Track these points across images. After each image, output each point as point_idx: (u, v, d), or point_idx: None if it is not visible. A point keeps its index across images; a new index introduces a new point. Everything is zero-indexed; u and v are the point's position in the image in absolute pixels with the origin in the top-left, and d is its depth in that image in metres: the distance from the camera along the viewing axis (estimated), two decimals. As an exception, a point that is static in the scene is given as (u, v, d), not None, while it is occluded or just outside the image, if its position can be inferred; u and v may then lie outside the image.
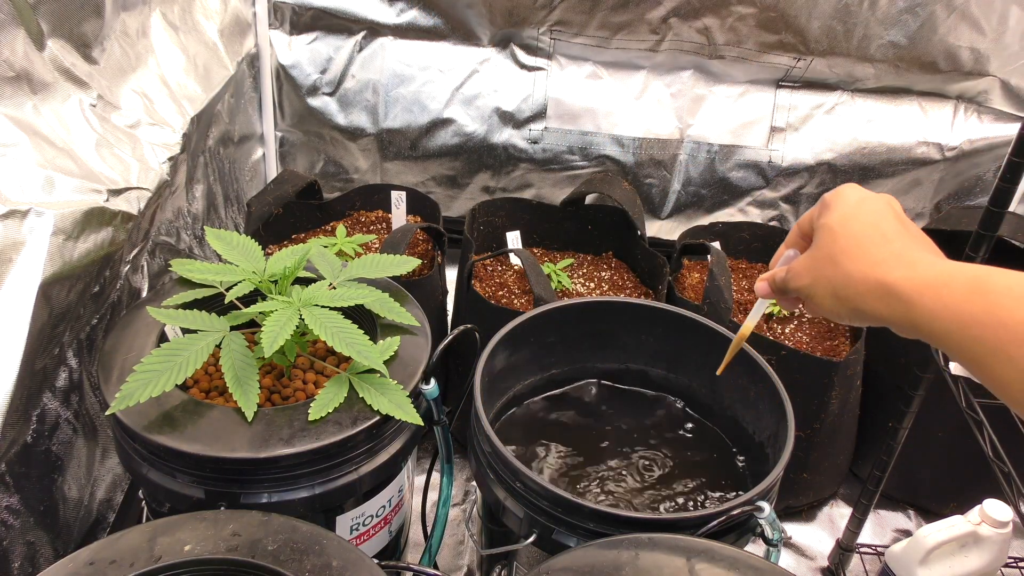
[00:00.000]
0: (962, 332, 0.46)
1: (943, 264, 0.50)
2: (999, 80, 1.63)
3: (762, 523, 0.76)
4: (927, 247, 0.54)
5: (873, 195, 0.58)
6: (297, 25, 1.63)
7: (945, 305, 0.47)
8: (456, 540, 1.29)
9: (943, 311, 0.47)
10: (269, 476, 0.75)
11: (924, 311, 0.48)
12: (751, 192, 1.76)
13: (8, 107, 0.85)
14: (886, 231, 0.54)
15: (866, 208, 0.56)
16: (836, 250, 0.55)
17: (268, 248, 1.40)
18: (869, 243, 0.53)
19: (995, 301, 0.45)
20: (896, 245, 0.52)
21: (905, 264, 0.50)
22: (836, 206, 0.58)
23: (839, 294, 0.54)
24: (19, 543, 0.84)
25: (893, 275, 0.50)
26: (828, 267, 0.55)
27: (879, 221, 0.54)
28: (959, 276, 0.48)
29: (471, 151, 1.73)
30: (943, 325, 0.47)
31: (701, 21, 1.56)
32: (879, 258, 0.52)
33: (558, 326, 1.03)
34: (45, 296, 0.80)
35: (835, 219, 0.56)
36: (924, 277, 0.49)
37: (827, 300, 0.56)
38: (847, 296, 0.53)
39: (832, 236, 0.56)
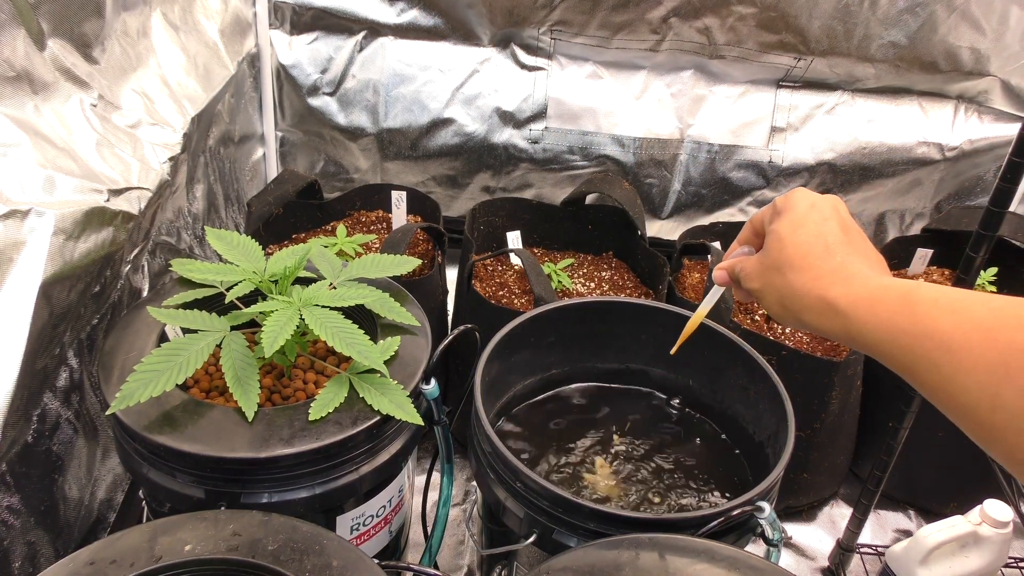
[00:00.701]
0: (893, 342, 0.49)
1: (877, 280, 0.53)
2: (999, 80, 1.63)
3: (762, 523, 0.76)
4: (867, 258, 0.57)
5: (821, 201, 0.61)
6: (297, 25, 1.63)
7: (878, 318, 0.50)
8: (456, 540, 1.29)
9: (876, 324, 0.50)
10: (269, 476, 0.75)
11: (859, 324, 0.51)
12: (751, 192, 1.77)
13: (9, 107, 0.85)
14: (830, 243, 0.57)
15: (813, 217, 0.59)
16: (783, 259, 0.58)
17: (268, 248, 1.40)
18: (813, 256, 0.56)
19: (922, 312, 0.48)
20: (837, 258, 0.56)
21: (843, 279, 0.54)
22: (786, 212, 0.61)
23: (785, 303, 0.58)
24: (19, 543, 0.84)
25: (832, 291, 0.54)
26: (776, 276, 0.58)
27: (824, 232, 0.58)
28: (891, 291, 0.51)
29: (471, 151, 1.73)
30: (876, 336, 0.50)
31: (701, 21, 1.56)
32: (821, 272, 0.55)
33: (558, 326, 1.03)
34: (46, 296, 0.80)
35: (784, 227, 0.60)
36: (859, 292, 0.52)
37: (775, 307, 0.59)
38: (792, 307, 0.57)
39: (780, 244, 0.59)
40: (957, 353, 0.45)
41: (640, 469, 0.96)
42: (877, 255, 0.58)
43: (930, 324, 0.47)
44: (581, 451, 0.98)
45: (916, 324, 0.48)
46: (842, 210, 0.61)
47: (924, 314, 0.48)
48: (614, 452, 0.98)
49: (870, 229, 1.83)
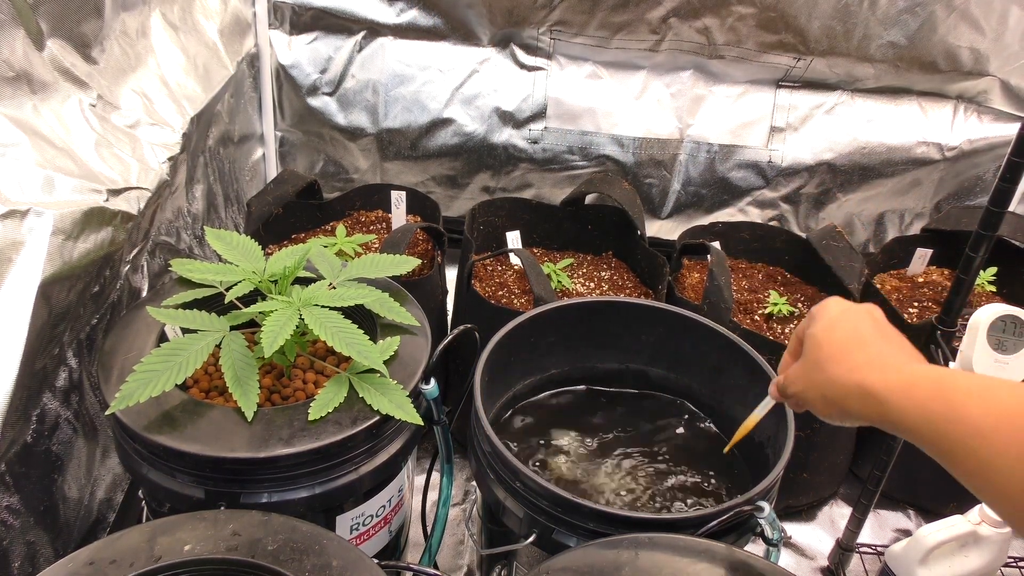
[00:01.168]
0: (929, 427, 0.51)
1: (912, 367, 0.56)
2: (999, 80, 1.63)
3: (762, 523, 0.76)
4: (901, 349, 0.60)
5: (855, 305, 0.65)
6: (297, 25, 1.63)
7: (914, 404, 0.53)
8: (456, 540, 1.29)
9: (913, 410, 0.53)
10: (269, 476, 0.75)
11: (896, 410, 0.54)
12: (751, 192, 1.77)
13: (8, 107, 0.85)
14: (864, 336, 0.61)
15: (847, 317, 0.63)
16: (822, 356, 0.61)
17: (268, 248, 1.40)
18: (849, 348, 0.60)
19: (955, 400, 0.51)
20: (872, 350, 0.59)
21: (879, 368, 0.57)
22: (820, 317, 0.65)
23: (827, 396, 0.61)
24: (19, 543, 0.84)
25: (869, 379, 0.57)
26: (816, 373, 0.62)
27: (858, 327, 0.62)
28: (925, 378, 0.54)
29: (471, 151, 1.73)
30: (913, 422, 0.53)
31: (701, 21, 1.56)
32: (858, 362, 0.58)
33: (558, 326, 1.03)
34: (45, 296, 0.80)
35: (820, 329, 0.64)
36: (895, 380, 0.55)
37: (819, 403, 0.62)
38: (833, 398, 0.60)
39: (818, 344, 0.63)
40: (988, 439, 0.47)
41: (640, 469, 0.96)
42: (911, 346, 0.61)
43: (962, 411, 0.49)
44: (581, 451, 0.98)
45: (950, 411, 0.50)
46: (876, 313, 0.64)
47: (956, 401, 0.50)
48: (614, 452, 0.98)
49: (870, 229, 1.83)
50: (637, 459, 0.97)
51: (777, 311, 1.39)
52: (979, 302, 1.44)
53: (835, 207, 1.78)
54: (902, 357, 0.58)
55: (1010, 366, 0.93)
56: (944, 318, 1.04)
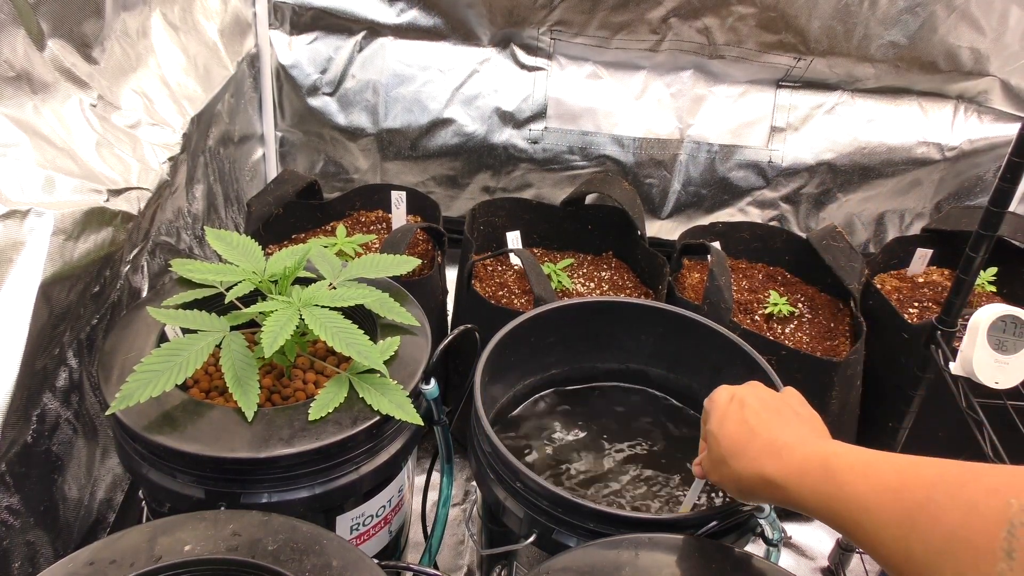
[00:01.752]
0: (824, 508, 0.55)
1: (801, 450, 0.59)
2: (999, 80, 1.63)
3: (762, 523, 0.76)
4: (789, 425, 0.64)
5: (740, 391, 0.70)
6: (297, 25, 1.63)
7: (807, 489, 0.57)
8: (456, 540, 1.29)
9: (808, 494, 0.57)
10: (269, 476, 0.75)
11: (794, 495, 0.58)
12: (751, 192, 1.77)
13: (8, 107, 0.85)
14: (752, 425, 0.65)
15: (733, 408, 0.68)
16: (723, 452, 0.66)
17: (268, 248, 1.40)
18: (743, 441, 0.64)
19: (842, 479, 0.54)
20: (764, 437, 0.63)
21: (773, 455, 0.61)
22: (712, 411, 0.70)
23: (739, 487, 0.65)
24: (19, 543, 0.84)
25: (766, 468, 0.61)
26: (723, 467, 0.66)
27: (746, 417, 0.66)
28: (813, 460, 0.57)
29: (471, 151, 1.73)
30: (811, 505, 0.56)
31: (701, 21, 1.56)
32: (754, 454, 0.63)
33: (558, 326, 1.03)
34: (45, 296, 0.80)
35: (714, 425, 0.69)
36: (789, 467, 0.59)
37: (734, 491, 0.66)
38: (744, 488, 0.64)
39: (716, 441, 0.67)
40: (873, 513, 0.51)
41: (640, 469, 0.96)
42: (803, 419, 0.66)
43: (849, 490, 0.53)
44: (581, 451, 0.98)
45: (838, 490, 0.54)
46: (761, 392, 0.69)
47: (843, 481, 0.54)
48: (614, 452, 0.98)
49: (870, 229, 1.83)
50: (637, 459, 0.97)
51: (777, 311, 1.39)
52: (979, 302, 1.44)
53: (835, 207, 1.78)
54: (793, 436, 0.62)
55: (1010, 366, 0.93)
56: (944, 318, 1.04)
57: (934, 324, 1.05)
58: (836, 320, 1.41)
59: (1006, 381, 0.93)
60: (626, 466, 0.96)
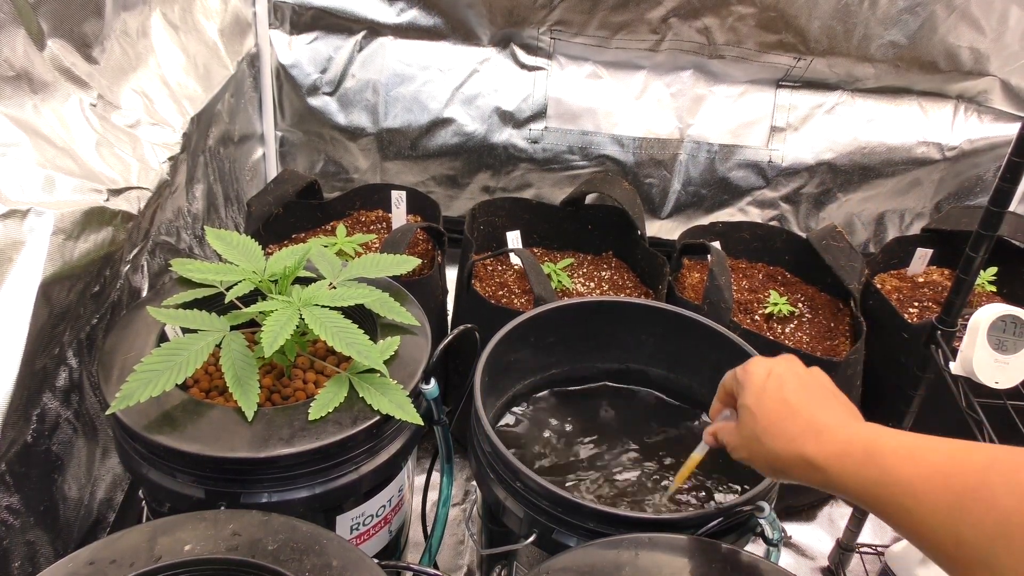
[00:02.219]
0: (867, 492, 0.54)
1: (844, 432, 0.58)
2: (999, 80, 1.63)
3: (762, 523, 0.76)
4: (830, 407, 0.63)
5: (777, 365, 0.68)
6: (297, 25, 1.63)
7: (849, 472, 0.56)
8: (456, 540, 1.29)
9: (849, 477, 0.56)
10: (269, 476, 0.75)
11: (835, 478, 0.57)
12: (751, 192, 1.77)
13: (8, 107, 0.85)
14: (793, 404, 0.63)
15: (772, 384, 0.66)
16: (758, 430, 0.64)
17: (268, 248, 1.40)
18: (782, 419, 0.63)
19: (886, 463, 0.53)
20: (804, 417, 0.62)
21: (814, 436, 0.60)
22: (748, 386, 0.67)
23: (773, 467, 0.64)
24: (19, 543, 0.84)
25: (807, 449, 0.59)
26: (756, 445, 0.64)
27: (785, 395, 0.64)
28: (856, 443, 0.56)
29: (471, 151, 1.73)
30: (852, 487, 0.56)
31: (701, 21, 1.56)
32: (794, 433, 0.61)
33: (558, 326, 1.03)
34: (45, 296, 0.80)
35: (751, 400, 0.66)
36: (829, 448, 0.58)
37: (766, 470, 0.65)
38: (779, 468, 0.63)
39: (752, 417, 0.65)
40: (920, 498, 0.50)
41: (640, 469, 0.96)
42: (839, 400, 0.65)
43: (894, 474, 0.52)
44: (581, 451, 0.98)
45: (882, 474, 0.53)
46: (798, 368, 0.68)
47: (887, 464, 0.53)
48: (614, 452, 0.98)
49: (870, 229, 1.83)
50: (637, 459, 0.97)
51: (777, 311, 1.39)
52: (979, 302, 1.44)
53: (835, 207, 1.78)
54: (833, 418, 0.61)
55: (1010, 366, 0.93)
56: (944, 318, 1.04)
57: (934, 324, 1.05)
58: (836, 320, 1.41)
59: (1006, 381, 0.93)
60: (626, 466, 0.96)
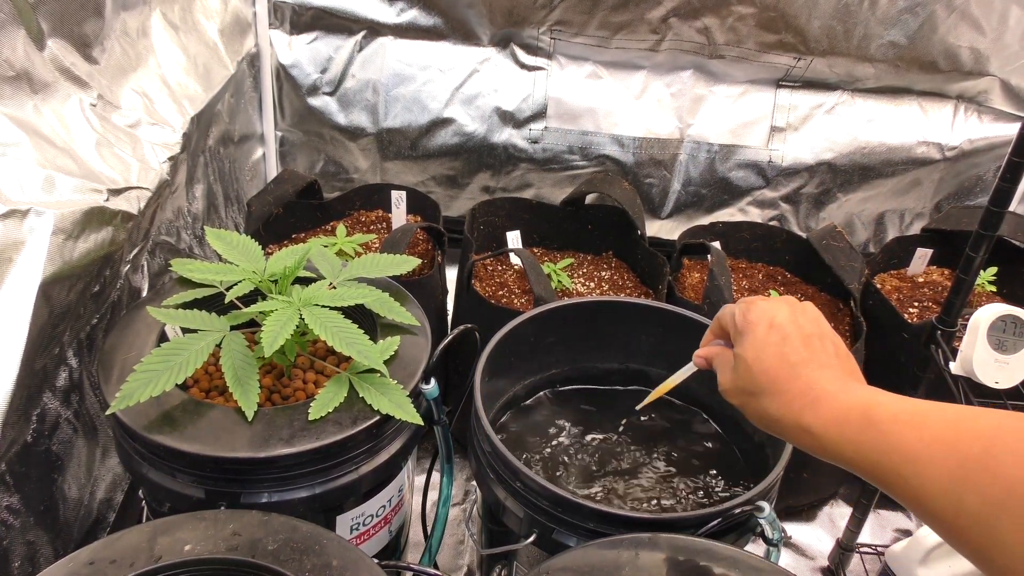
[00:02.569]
0: (864, 460, 0.53)
1: (843, 398, 0.57)
2: (999, 80, 1.63)
3: (762, 523, 0.76)
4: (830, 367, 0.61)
5: (779, 315, 0.65)
6: (297, 25, 1.63)
7: (847, 438, 0.55)
8: (456, 540, 1.29)
9: (846, 444, 0.55)
10: (269, 476, 0.75)
11: (831, 444, 0.56)
12: (751, 192, 1.77)
13: (8, 107, 0.85)
14: (793, 363, 0.61)
15: (773, 339, 0.63)
16: (754, 385, 0.63)
17: (268, 248, 1.40)
18: (780, 380, 0.61)
19: (884, 429, 0.52)
20: (803, 378, 0.60)
21: (811, 402, 0.58)
22: (748, 334, 0.65)
23: (764, 423, 0.63)
24: (19, 543, 0.84)
25: (804, 416, 0.58)
26: (751, 399, 0.64)
27: (786, 352, 0.62)
28: (854, 410, 0.55)
29: (471, 151, 1.73)
30: (848, 455, 0.55)
31: (701, 21, 1.56)
32: (791, 395, 0.60)
33: (558, 326, 1.03)
34: (45, 296, 0.80)
35: (748, 351, 0.64)
36: (827, 415, 0.57)
37: (756, 422, 0.64)
38: (771, 427, 0.62)
39: (749, 371, 0.64)
40: (921, 465, 0.49)
41: (640, 468, 0.96)
42: (840, 357, 0.63)
43: (894, 440, 0.51)
44: (581, 451, 0.98)
45: (882, 441, 0.52)
46: (801, 319, 0.65)
47: (887, 431, 0.52)
48: (614, 452, 0.98)
49: (870, 229, 1.83)
50: (637, 459, 0.97)
51: (777, 311, 1.39)
52: (979, 302, 1.44)
53: (835, 207, 1.78)
54: (832, 382, 0.59)
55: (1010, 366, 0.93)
56: (944, 318, 1.04)
57: (934, 324, 1.05)
58: (836, 320, 1.41)
59: (1006, 381, 0.93)
60: (626, 466, 0.96)
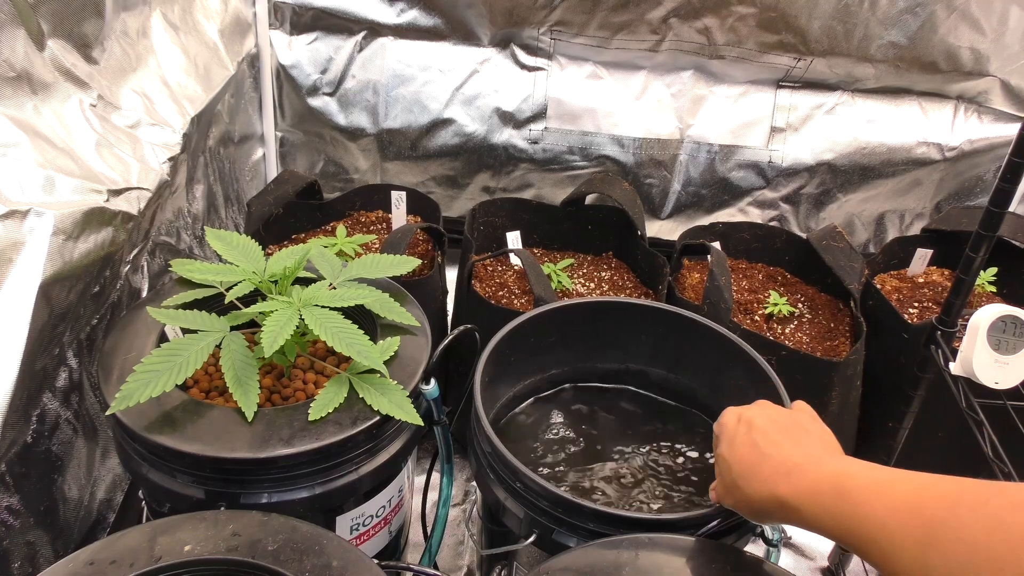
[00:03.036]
0: (837, 527, 0.56)
1: (815, 470, 0.60)
2: (999, 80, 1.63)
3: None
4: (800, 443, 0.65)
5: (747, 412, 0.70)
6: (297, 25, 1.63)
7: (822, 509, 0.57)
8: (456, 540, 1.29)
9: (822, 514, 0.57)
10: (269, 476, 0.75)
11: (808, 515, 0.58)
12: (751, 192, 1.77)
13: (8, 107, 0.85)
14: (762, 447, 0.65)
15: (742, 430, 0.68)
16: (734, 476, 0.66)
17: (268, 248, 1.40)
18: (754, 463, 0.65)
19: (857, 499, 0.55)
20: (775, 458, 0.63)
21: (784, 475, 0.61)
22: (722, 436, 0.70)
23: (753, 510, 0.65)
24: (19, 543, 0.84)
25: (780, 489, 0.61)
26: (735, 491, 0.66)
27: (754, 439, 0.66)
28: (826, 481, 0.58)
29: (471, 151, 1.73)
30: (824, 524, 0.57)
31: (701, 21, 1.56)
32: (765, 475, 0.63)
33: (558, 326, 1.03)
34: (45, 296, 0.80)
35: (724, 449, 0.69)
36: (801, 487, 0.60)
37: (749, 515, 0.67)
38: (758, 511, 0.65)
39: (727, 465, 0.68)
40: (889, 531, 0.51)
41: (640, 469, 0.96)
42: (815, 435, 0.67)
43: (864, 509, 0.54)
44: (581, 451, 0.98)
45: (853, 510, 0.54)
46: (769, 411, 0.69)
47: (857, 501, 0.55)
48: (614, 452, 0.98)
49: (870, 229, 1.83)
50: (637, 459, 0.97)
51: (777, 311, 1.39)
52: (979, 302, 1.44)
53: (835, 207, 1.78)
54: (804, 456, 0.62)
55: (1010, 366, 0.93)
56: (944, 318, 1.04)
57: (934, 324, 1.05)
58: (836, 320, 1.41)
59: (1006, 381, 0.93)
60: (626, 466, 0.96)
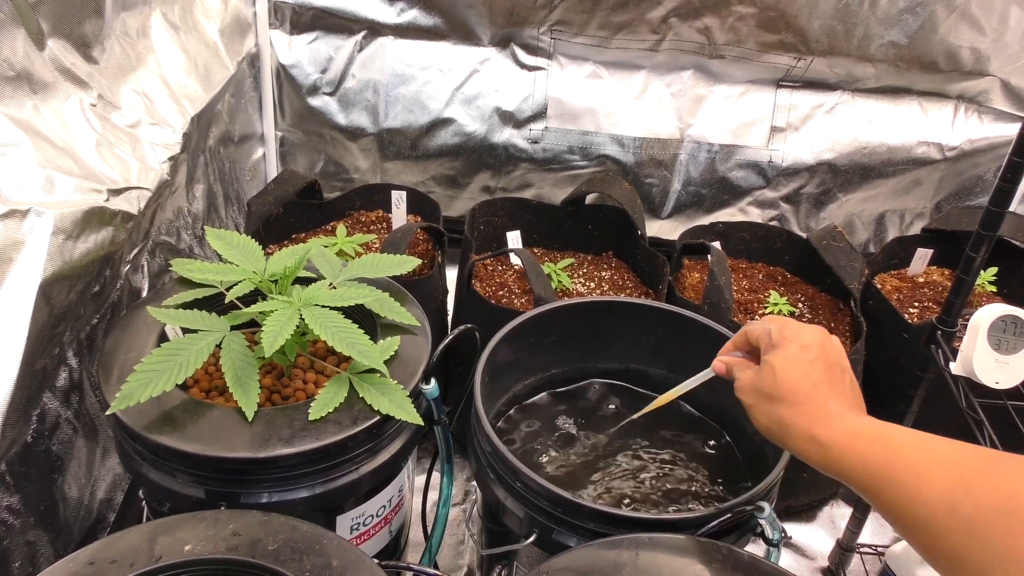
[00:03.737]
0: (864, 469, 0.58)
1: (854, 420, 0.63)
2: (999, 80, 1.63)
3: (762, 523, 0.76)
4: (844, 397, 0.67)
5: (812, 341, 0.69)
6: (297, 25, 1.63)
7: (854, 449, 0.60)
8: (456, 540, 1.29)
9: (852, 453, 0.60)
10: (269, 476, 0.75)
11: (837, 453, 0.61)
12: (751, 192, 1.77)
13: (8, 107, 0.85)
14: (816, 382, 0.66)
15: (803, 357, 0.68)
16: (775, 392, 0.68)
17: (268, 248, 1.40)
18: (800, 394, 0.66)
19: (894, 446, 0.57)
20: (820, 399, 0.65)
21: (824, 419, 0.64)
22: (780, 347, 0.70)
23: (772, 428, 0.68)
24: (19, 543, 0.84)
25: (816, 428, 0.64)
26: (767, 403, 0.68)
27: (811, 372, 0.67)
28: (866, 429, 0.61)
29: (471, 151, 1.73)
30: (850, 464, 0.60)
31: (701, 21, 1.56)
32: (807, 410, 0.65)
33: (558, 326, 1.03)
34: (45, 296, 0.80)
35: (777, 361, 0.69)
36: (838, 431, 0.63)
37: (762, 425, 0.69)
38: (779, 433, 0.67)
39: (773, 377, 0.68)
40: (922, 475, 0.53)
41: (640, 469, 0.96)
42: (854, 394, 0.68)
43: (901, 454, 0.56)
44: (581, 451, 0.98)
45: (889, 455, 0.57)
46: (830, 350, 0.69)
47: (896, 447, 0.57)
48: (614, 452, 0.98)
49: (870, 229, 1.83)
50: (637, 459, 0.97)
51: (777, 311, 1.39)
52: (979, 302, 1.44)
53: (835, 207, 1.78)
54: (845, 408, 0.65)
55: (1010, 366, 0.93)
56: (944, 318, 1.04)
57: (934, 324, 1.05)
58: (836, 320, 1.41)
59: (1006, 381, 0.93)
60: (627, 466, 0.96)
